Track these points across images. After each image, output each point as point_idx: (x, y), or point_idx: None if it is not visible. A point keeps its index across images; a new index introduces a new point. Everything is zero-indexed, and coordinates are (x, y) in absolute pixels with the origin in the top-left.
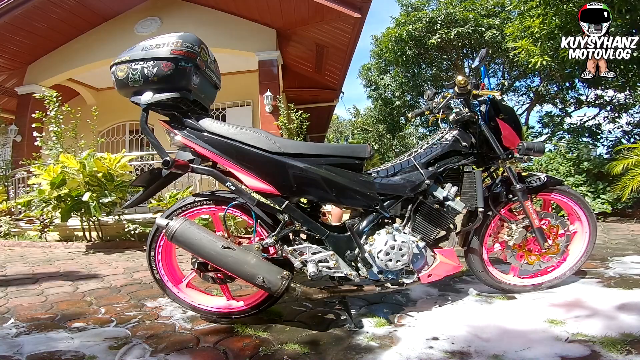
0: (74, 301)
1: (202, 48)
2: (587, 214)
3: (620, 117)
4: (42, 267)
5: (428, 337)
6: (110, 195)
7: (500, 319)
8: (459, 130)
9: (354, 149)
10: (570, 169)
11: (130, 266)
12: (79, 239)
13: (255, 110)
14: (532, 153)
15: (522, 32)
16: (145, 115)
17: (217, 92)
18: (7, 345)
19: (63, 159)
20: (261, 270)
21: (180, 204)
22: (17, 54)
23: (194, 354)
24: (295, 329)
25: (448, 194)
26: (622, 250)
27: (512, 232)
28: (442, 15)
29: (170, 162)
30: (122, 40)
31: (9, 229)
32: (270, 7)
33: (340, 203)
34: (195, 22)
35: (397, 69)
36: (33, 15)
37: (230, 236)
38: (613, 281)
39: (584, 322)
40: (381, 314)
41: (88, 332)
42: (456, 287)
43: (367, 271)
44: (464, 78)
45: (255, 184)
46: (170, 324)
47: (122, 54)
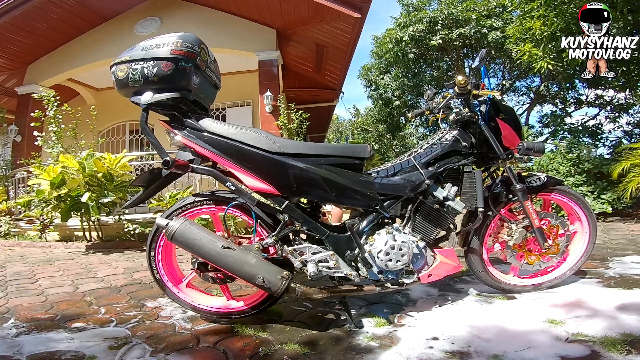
0: (74, 301)
1: (202, 48)
2: (587, 214)
3: (620, 117)
4: (42, 267)
5: (428, 337)
6: (110, 195)
7: (500, 319)
8: (459, 130)
9: (354, 149)
10: (571, 169)
11: (130, 266)
12: (79, 239)
13: (255, 110)
14: (532, 153)
15: (523, 34)
16: (145, 115)
17: (217, 92)
18: (7, 345)
19: (63, 159)
20: (261, 270)
21: (180, 204)
22: (17, 54)
23: (194, 354)
24: (295, 329)
25: (448, 194)
26: (622, 250)
27: (512, 232)
28: (443, 16)
29: (170, 162)
30: (122, 40)
31: (9, 229)
32: (270, 7)
33: (340, 203)
34: (195, 22)
35: (398, 70)
36: (33, 15)
37: (230, 236)
38: (613, 281)
39: (584, 322)
40: (381, 314)
41: (88, 332)
42: (456, 287)
43: (367, 271)
44: (464, 78)
45: (255, 184)
46: (170, 324)
47: (122, 54)
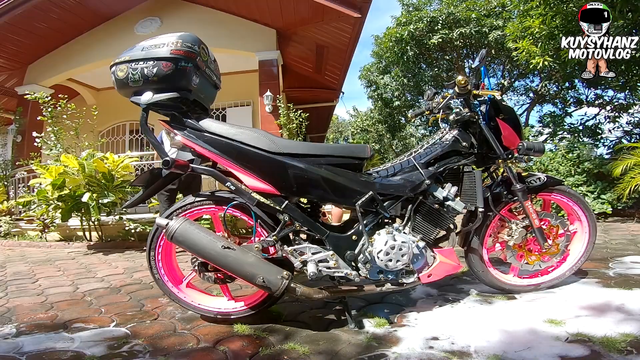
0: (74, 301)
1: (202, 48)
2: (587, 214)
3: (620, 117)
4: (42, 267)
5: (428, 337)
6: (110, 195)
7: (500, 319)
8: (459, 130)
9: (354, 149)
10: (570, 169)
11: (130, 266)
12: (79, 239)
13: (255, 110)
14: (532, 153)
15: (522, 32)
16: (145, 115)
17: (217, 92)
18: (7, 345)
19: (64, 159)
20: (261, 270)
21: (180, 204)
22: (17, 54)
23: (194, 354)
24: (295, 329)
25: (448, 194)
26: (622, 250)
27: (512, 232)
28: (444, 15)
29: (170, 162)
30: (122, 40)
31: (9, 229)
32: (270, 7)
33: (340, 203)
34: (195, 22)
35: (398, 69)
36: (33, 15)
37: (230, 236)
38: (613, 281)
39: (584, 322)
40: (381, 314)
41: (88, 332)
42: (456, 287)
43: (367, 271)
44: (464, 78)
45: (255, 184)
46: (170, 324)
47: (122, 54)
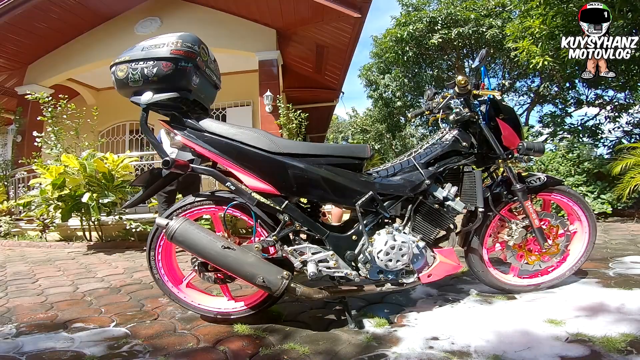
0: (74, 301)
1: (202, 48)
2: (587, 214)
3: (620, 117)
4: (42, 267)
5: (428, 337)
6: (110, 195)
7: (500, 319)
8: (459, 130)
9: (354, 149)
10: (570, 169)
11: (130, 266)
12: (79, 238)
13: (255, 110)
14: (532, 153)
15: (523, 32)
16: (145, 115)
17: (217, 92)
18: (7, 345)
19: (64, 159)
20: (261, 270)
21: (180, 204)
22: (17, 54)
23: (194, 354)
24: (295, 329)
25: (448, 194)
26: (622, 250)
27: (512, 232)
28: (443, 15)
29: (170, 162)
30: (122, 40)
31: (9, 229)
32: (270, 7)
33: (340, 203)
34: (195, 22)
35: (398, 69)
36: (33, 15)
37: (230, 236)
38: (613, 281)
39: (584, 322)
40: (381, 314)
41: (88, 332)
42: (456, 287)
43: (367, 271)
44: (464, 78)
45: (255, 184)
46: (170, 324)
47: (122, 54)
